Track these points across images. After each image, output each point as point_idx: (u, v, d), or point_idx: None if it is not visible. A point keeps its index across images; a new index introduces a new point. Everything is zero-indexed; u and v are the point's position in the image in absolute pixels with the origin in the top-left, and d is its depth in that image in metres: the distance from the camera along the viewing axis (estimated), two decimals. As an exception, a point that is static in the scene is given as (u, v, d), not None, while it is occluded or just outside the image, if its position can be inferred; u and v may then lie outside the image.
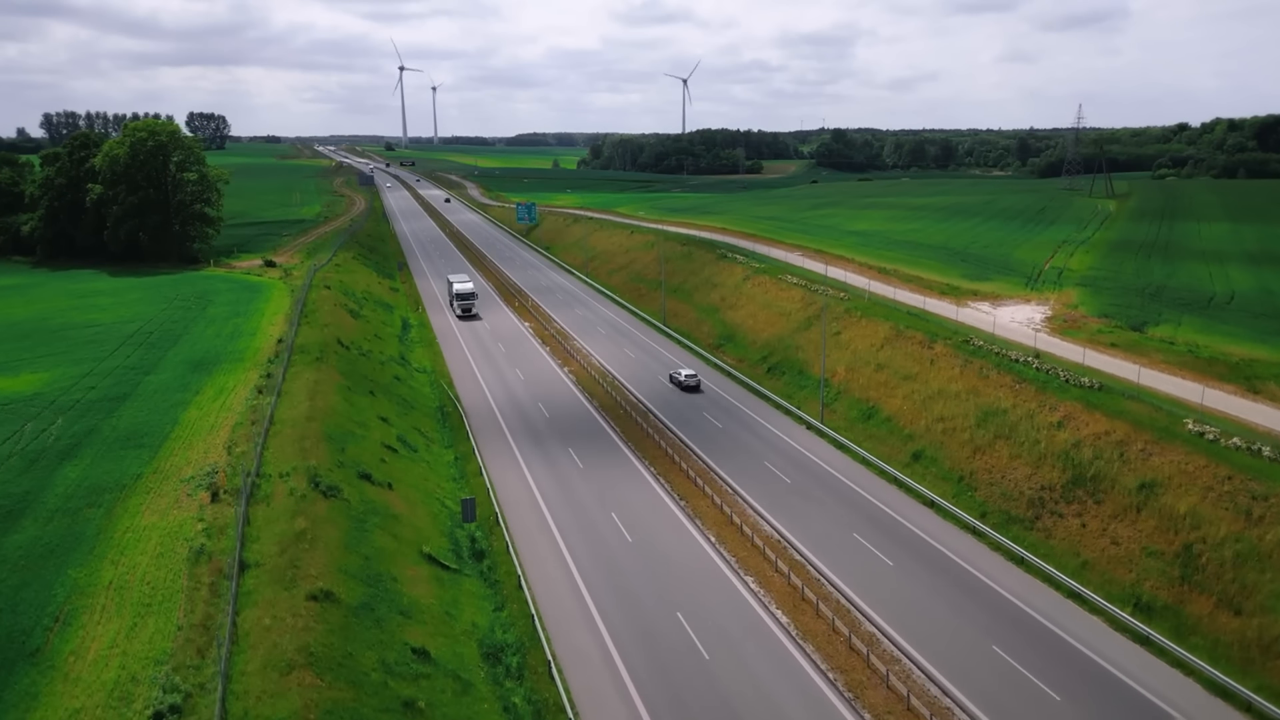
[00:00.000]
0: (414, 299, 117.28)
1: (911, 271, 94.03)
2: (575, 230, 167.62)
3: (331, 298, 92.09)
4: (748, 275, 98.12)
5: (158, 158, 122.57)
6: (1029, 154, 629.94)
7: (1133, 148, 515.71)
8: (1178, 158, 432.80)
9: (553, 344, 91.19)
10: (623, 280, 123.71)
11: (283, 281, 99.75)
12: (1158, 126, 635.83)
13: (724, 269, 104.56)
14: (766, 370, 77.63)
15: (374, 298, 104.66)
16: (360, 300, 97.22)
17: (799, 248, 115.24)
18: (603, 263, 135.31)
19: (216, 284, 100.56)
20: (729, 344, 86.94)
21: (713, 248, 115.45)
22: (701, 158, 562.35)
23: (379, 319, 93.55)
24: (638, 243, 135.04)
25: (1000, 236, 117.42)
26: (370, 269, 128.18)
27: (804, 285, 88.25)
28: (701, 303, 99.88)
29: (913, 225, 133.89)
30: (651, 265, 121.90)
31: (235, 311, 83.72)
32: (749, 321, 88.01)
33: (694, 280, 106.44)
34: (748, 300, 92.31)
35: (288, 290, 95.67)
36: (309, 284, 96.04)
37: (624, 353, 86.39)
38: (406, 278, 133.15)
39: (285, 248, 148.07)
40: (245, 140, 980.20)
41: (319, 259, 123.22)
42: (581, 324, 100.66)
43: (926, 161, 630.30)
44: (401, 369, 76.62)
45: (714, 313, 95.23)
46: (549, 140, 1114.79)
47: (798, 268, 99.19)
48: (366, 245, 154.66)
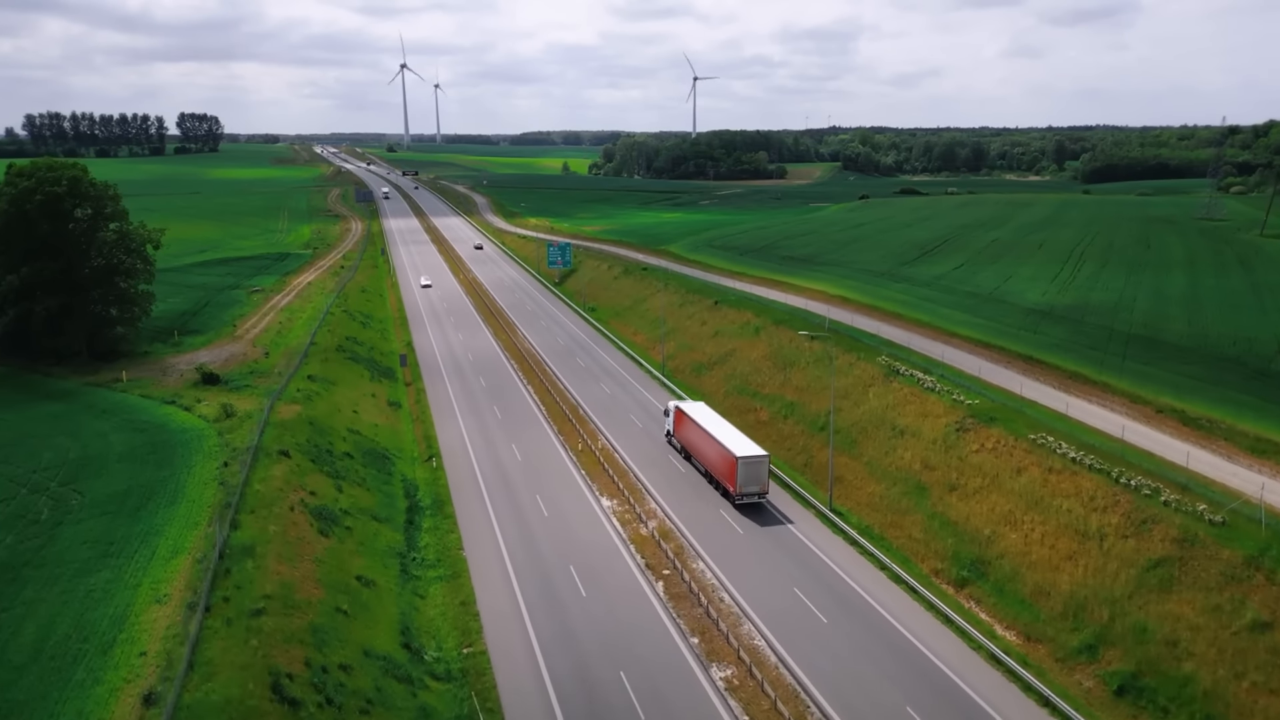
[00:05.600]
0: (423, 427, 79.84)
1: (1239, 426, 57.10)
2: (628, 287, 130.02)
3: (287, 479, 54.81)
4: (962, 425, 60.73)
5: (54, 214, 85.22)
6: (1065, 156, 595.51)
7: (1182, 152, 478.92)
8: (1244, 164, 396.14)
9: (672, 581, 53.80)
10: (720, 384, 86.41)
11: (218, 434, 62.40)
12: (1204, 127, 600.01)
13: (908, 401, 67.15)
14: (1116, 689, 40.31)
15: (363, 450, 67.19)
16: (339, 474, 59.86)
17: (984, 348, 77.90)
18: (684, 351, 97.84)
19: (109, 434, 63.23)
20: (979, 580, 49.78)
21: (865, 350, 77.98)
22: (721, 162, 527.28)
23: (366, 529, 56.11)
24: (731, 323, 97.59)
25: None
26: (359, 369, 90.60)
27: (1101, 471, 50.89)
28: (885, 467, 62.44)
29: (1103, 292, 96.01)
30: (764, 366, 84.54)
31: (109, 540, 46.41)
32: (1013, 539, 50.53)
33: (859, 416, 68.99)
34: (990, 485, 54.82)
35: (221, 454, 58.42)
36: (257, 446, 58.75)
37: (814, 617, 48.72)
38: (413, 376, 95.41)
39: (249, 318, 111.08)
40: (243, 139, 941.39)
41: (285, 362, 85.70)
42: (693, 500, 63.45)
43: (957, 165, 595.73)
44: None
45: (919, 497, 57.88)
46: (554, 139, 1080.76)
47: (1045, 412, 61.76)
48: (357, 313, 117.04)
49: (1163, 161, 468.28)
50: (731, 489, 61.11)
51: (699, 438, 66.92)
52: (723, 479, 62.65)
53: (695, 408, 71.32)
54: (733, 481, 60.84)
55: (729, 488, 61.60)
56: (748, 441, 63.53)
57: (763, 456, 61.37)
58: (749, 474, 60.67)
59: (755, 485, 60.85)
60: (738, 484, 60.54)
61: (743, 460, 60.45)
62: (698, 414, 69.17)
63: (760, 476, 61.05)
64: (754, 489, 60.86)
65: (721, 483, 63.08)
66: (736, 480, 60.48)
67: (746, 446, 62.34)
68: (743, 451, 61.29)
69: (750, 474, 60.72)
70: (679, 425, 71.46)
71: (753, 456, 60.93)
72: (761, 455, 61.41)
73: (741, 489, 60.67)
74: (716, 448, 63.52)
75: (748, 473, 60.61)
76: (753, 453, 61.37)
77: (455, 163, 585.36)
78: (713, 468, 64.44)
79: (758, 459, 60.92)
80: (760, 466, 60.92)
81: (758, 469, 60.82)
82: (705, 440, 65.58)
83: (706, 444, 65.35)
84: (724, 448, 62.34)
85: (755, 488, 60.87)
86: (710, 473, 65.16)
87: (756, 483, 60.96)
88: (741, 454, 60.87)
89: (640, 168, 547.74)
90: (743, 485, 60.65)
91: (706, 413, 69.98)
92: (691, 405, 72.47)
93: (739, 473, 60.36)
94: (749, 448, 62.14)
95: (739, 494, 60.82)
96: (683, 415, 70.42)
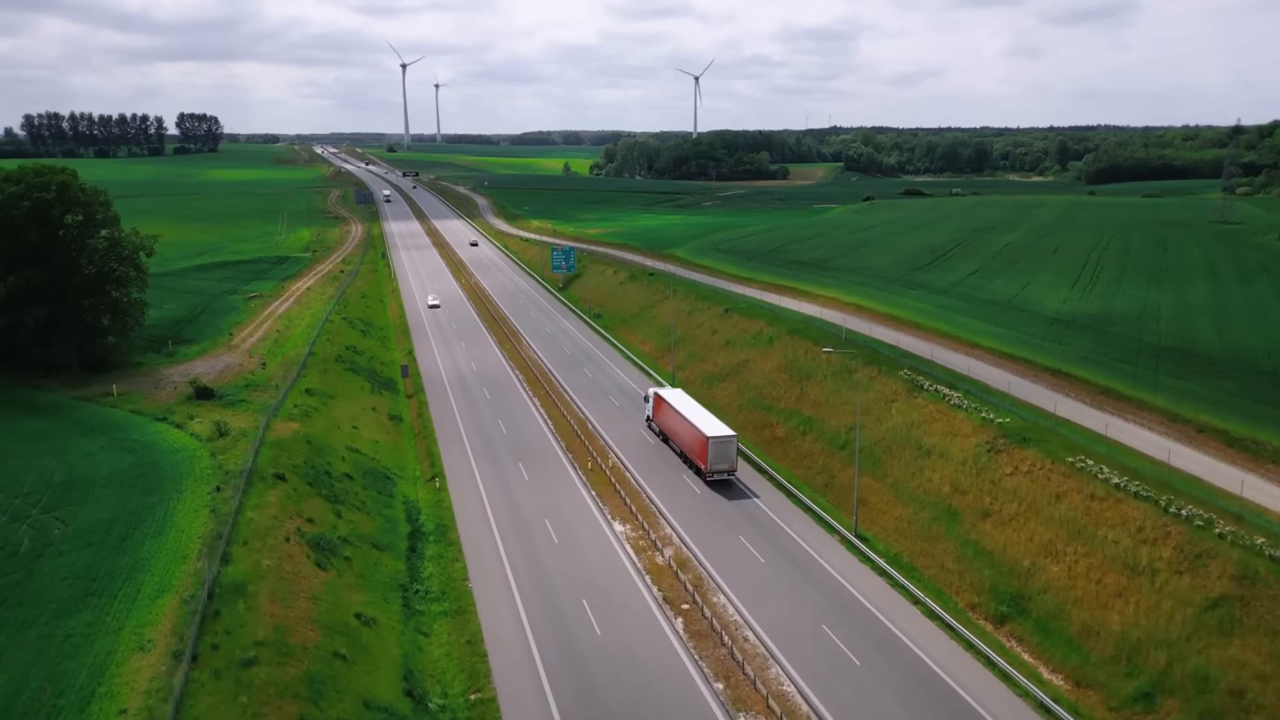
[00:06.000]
0: (425, 438, 76.83)
1: None
2: (634, 293, 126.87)
3: (283, 506, 51.78)
4: (994, 446, 57.60)
5: (42, 221, 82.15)
6: (1068, 157, 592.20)
7: (1186, 152, 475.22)
8: (1250, 165, 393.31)
9: (692, 615, 50.79)
10: (732, 397, 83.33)
11: (210, 455, 59.27)
12: (1207, 127, 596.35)
13: (934, 419, 64.04)
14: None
15: (363, 471, 64.10)
16: (337, 498, 56.76)
17: (1008, 360, 74.78)
18: (694, 361, 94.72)
19: (96, 455, 60.06)
20: (1020, 616, 46.71)
21: (886, 363, 74.85)
22: (723, 162, 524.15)
23: (367, 558, 53.04)
24: (742, 332, 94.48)
25: None
26: (359, 381, 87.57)
27: (1148, 499, 47.82)
28: (912, 489, 59.35)
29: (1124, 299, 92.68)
30: (779, 379, 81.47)
31: (91, 576, 43.27)
32: (1055, 572, 47.44)
33: (882, 434, 65.81)
34: (1027, 512, 51.69)
35: (213, 478, 55.32)
36: (251, 469, 55.67)
37: (845, 658, 45.69)
38: (415, 388, 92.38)
39: (246, 325, 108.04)
40: (243, 139, 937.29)
41: (282, 374, 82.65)
42: (709, 523, 60.44)
43: (960, 165, 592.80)
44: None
45: (950, 523, 54.77)
46: (555, 139, 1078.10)
47: (1081, 431, 58.66)
48: (357, 321, 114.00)
49: (1167, 162, 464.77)
50: (703, 466, 65.45)
51: (675, 421, 71.02)
52: (695, 458, 67.01)
53: (672, 394, 75.26)
54: (704, 460, 65.25)
55: (701, 465, 66.03)
56: (718, 423, 67.92)
57: (731, 436, 65.90)
58: (718, 452, 65.10)
59: (724, 463, 65.47)
60: (709, 461, 64.99)
61: (713, 440, 64.83)
62: (674, 399, 73.12)
63: (729, 455, 65.55)
64: (723, 466, 65.48)
65: (695, 461, 67.45)
66: (708, 458, 64.92)
67: (717, 428, 66.70)
68: (713, 432, 65.70)
69: (720, 452, 65.17)
70: (657, 410, 75.70)
71: (722, 436, 65.47)
72: (730, 435, 65.94)
73: (712, 466, 65.13)
74: (690, 429, 67.75)
75: (717, 451, 65.01)
76: (722, 433, 65.90)
77: (456, 163, 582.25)
78: (687, 448, 68.91)
79: (727, 439, 65.51)
80: (729, 445, 65.51)
81: (727, 448, 65.38)
82: (680, 423, 69.73)
83: (681, 426, 69.51)
84: (696, 429, 66.67)
85: (724, 465, 65.50)
86: (685, 453, 69.67)
87: (725, 460, 65.45)
88: (712, 434, 65.29)
89: (642, 168, 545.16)
90: (713, 463, 65.09)
91: (682, 398, 73.80)
92: (669, 391, 76.35)
93: (710, 451, 64.75)
94: (719, 429, 66.56)
95: (710, 471, 65.24)
96: (661, 400, 74.61)
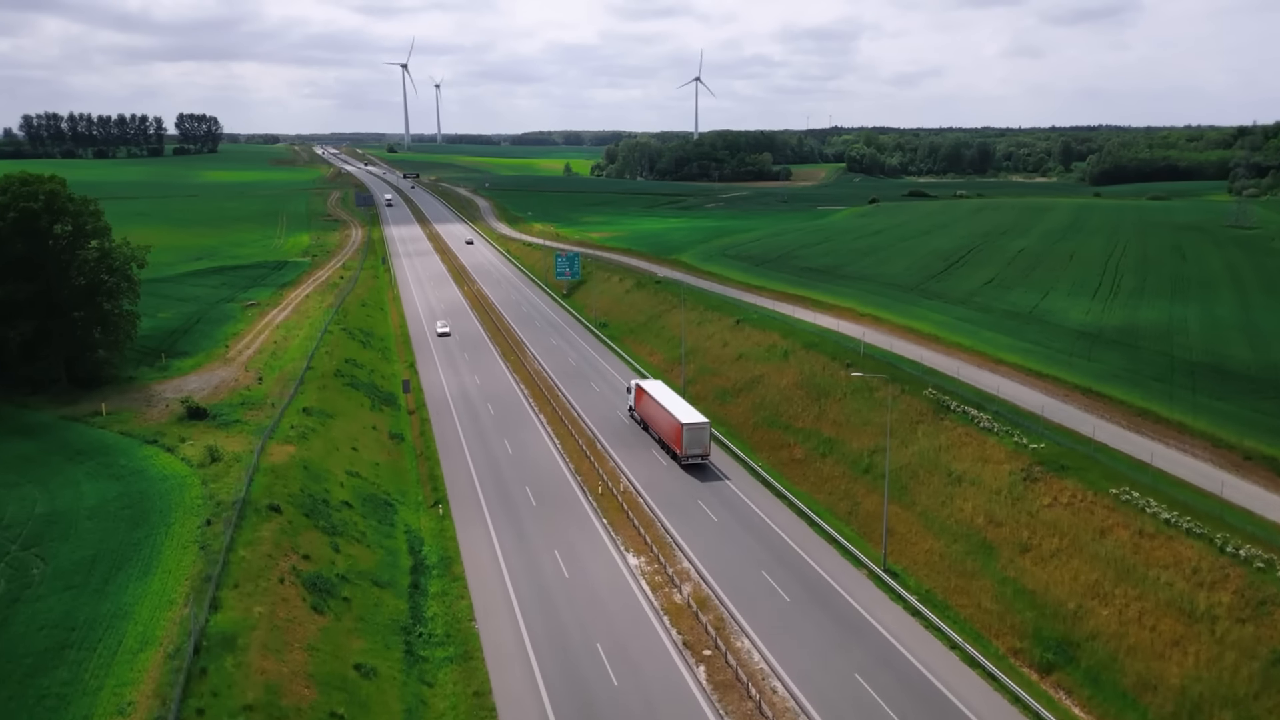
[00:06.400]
0: (427, 459, 73.67)
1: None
2: (641, 301, 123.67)
3: (277, 542, 48.62)
4: (1029, 474, 54.33)
5: (30, 231, 78.99)
6: (1071, 158, 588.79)
7: (1190, 153, 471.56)
8: (1256, 166, 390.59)
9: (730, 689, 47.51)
10: (747, 414, 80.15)
11: (202, 483, 56.08)
12: (1209, 127, 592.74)
13: (963, 443, 60.84)
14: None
15: (363, 498, 60.84)
16: (335, 529, 53.57)
17: (1036, 377, 71.49)
18: (705, 375, 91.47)
19: (81, 483, 56.88)
20: (1068, 665, 43.45)
21: (909, 381, 71.61)
22: (725, 163, 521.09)
23: (366, 598, 49.83)
24: (755, 345, 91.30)
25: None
26: (359, 397, 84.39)
27: (1202, 537, 44.62)
28: (943, 519, 56.11)
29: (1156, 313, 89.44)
30: (796, 396, 78.26)
31: (70, 624, 40.12)
32: (1104, 616, 44.19)
33: (908, 458, 62.53)
34: (1070, 548, 48.43)
35: (204, 509, 52.17)
36: (244, 500, 52.49)
37: (883, 714, 42.46)
38: (417, 403, 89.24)
39: (242, 336, 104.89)
40: (243, 139, 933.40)
41: (279, 390, 79.47)
42: (727, 551, 57.25)
43: (963, 166, 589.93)
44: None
45: (986, 557, 51.50)
46: (555, 139, 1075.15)
47: (1122, 458, 55.41)
48: (356, 332, 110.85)
49: (1172, 163, 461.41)
50: (679, 451, 70.02)
51: (654, 409, 75.50)
52: (671, 443, 71.60)
53: (653, 385, 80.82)
54: (679, 444, 69.88)
55: (676, 450, 70.61)
56: (693, 411, 72.84)
57: (704, 423, 70.45)
58: (692, 438, 69.64)
59: (698, 448, 70.12)
60: (683, 446, 69.59)
61: (687, 426, 69.43)
62: (654, 390, 78.32)
63: (702, 440, 70.06)
64: (697, 451, 70.13)
65: (670, 446, 71.81)
66: (682, 443, 69.52)
67: (691, 415, 71.41)
68: (687, 419, 70.29)
69: (693, 438, 69.70)
70: (639, 400, 79.90)
71: (695, 423, 69.99)
72: (703, 422, 70.50)
73: (686, 451, 69.71)
74: (667, 417, 72.38)
75: (691, 436, 69.59)
76: (696, 420, 70.42)
77: (456, 164, 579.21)
78: (664, 434, 73.52)
79: (700, 425, 70.04)
80: (702, 431, 69.99)
81: (700, 434, 69.86)
82: (659, 411, 74.15)
83: (660, 414, 74.08)
84: (673, 416, 71.27)
85: (698, 450, 70.15)
86: (662, 439, 74.17)
87: (699, 445, 70.05)
88: (686, 421, 69.94)
89: (643, 169, 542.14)
90: (687, 448, 69.68)
91: (662, 389, 79.21)
92: (649, 383, 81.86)
93: (684, 437, 69.38)
94: (693, 416, 71.27)
95: (684, 455, 69.84)
96: (642, 391, 79.17)
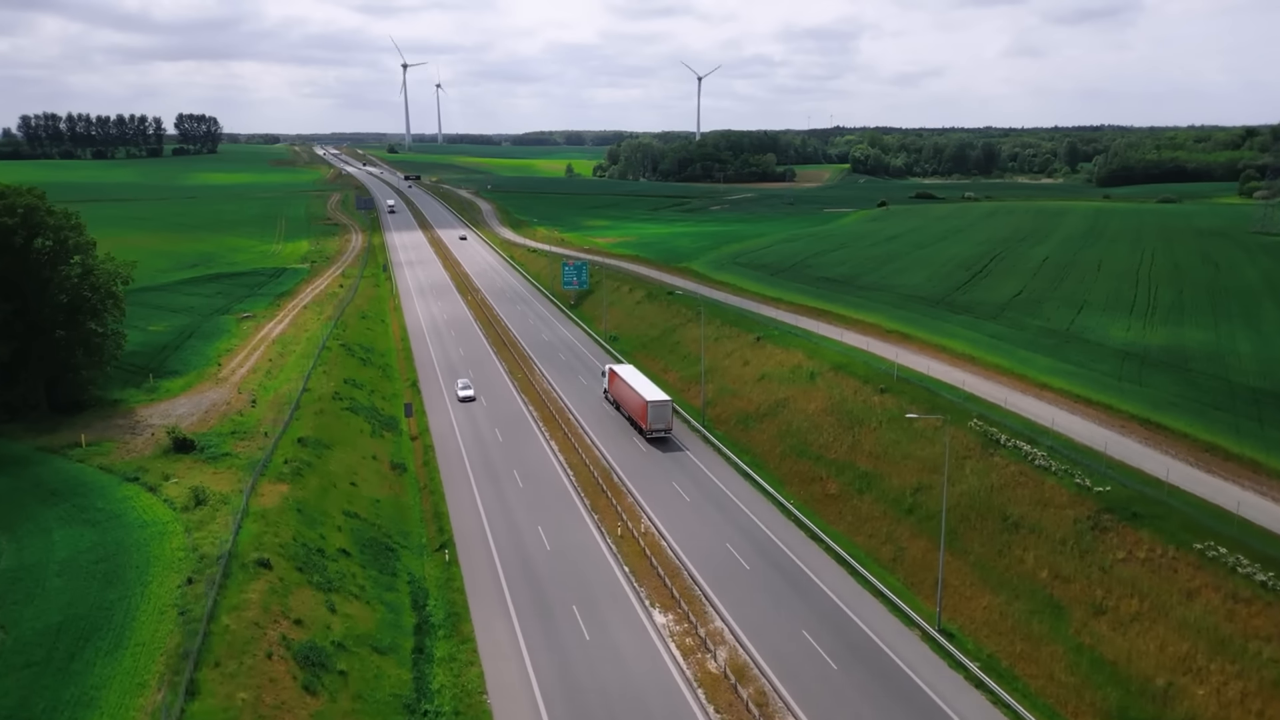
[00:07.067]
0: (431, 492, 68.46)
1: None
2: (653, 314, 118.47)
3: (266, 605, 43.45)
4: (1097, 521, 49.09)
5: (6, 249, 73.80)
6: (1078, 158, 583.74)
7: (1199, 155, 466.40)
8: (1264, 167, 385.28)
9: None
10: (773, 442, 74.92)
11: (185, 530, 50.94)
12: (1214, 127, 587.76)
13: (1018, 483, 55.58)
14: None
15: (362, 543, 55.55)
16: (331, 584, 48.39)
17: (1086, 405, 66.17)
18: (726, 397, 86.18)
19: (53, 530, 51.65)
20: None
21: (951, 410, 66.33)
22: (729, 164, 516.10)
23: (365, 669, 44.60)
24: (778, 365, 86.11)
25: None
26: (359, 422, 79.19)
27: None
28: (1000, 571, 50.69)
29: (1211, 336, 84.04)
30: (825, 423, 73.02)
31: (26, 715, 35.02)
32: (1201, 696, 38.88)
33: (956, 498, 57.27)
34: (1153, 612, 43.18)
35: (185, 564, 47.02)
36: (230, 554, 47.33)
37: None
38: (420, 428, 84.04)
39: (236, 353, 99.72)
40: (243, 139, 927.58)
41: (273, 416, 74.27)
42: (769, 610, 52.10)
43: (969, 167, 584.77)
44: None
45: (1055, 619, 46.22)
46: (556, 139, 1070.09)
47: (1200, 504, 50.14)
48: (356, 348, 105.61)
49: (1180, 164, 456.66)
50: (644, 425, 77.49)
51: (624, 390, 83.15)
52: (638, 419, 79.06)
53: (624, 369, 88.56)
54: (644, 420, 77.35)
55: (642, 425, 78.06)
56: (658, 390, 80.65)
57: (667, 401, 78.19)
58: (656, 414, 77.08)
59: (661, 424, 77.42)
60: (648, 421, 76.96)
61: (651, 403, 76.88)
62: (624, 373, 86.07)
63: (665, 416, 77.50)
64: (660, 426, 77.37)
65: (637, 422, 79.28)
66: (647, 419, 76.92)
67: (655, 393, 79.06)
68: (651, 396, 77.98)
69: (657, 414, 77.11)
70: (611, 382, 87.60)
71: (659, 400, 77.56)
72: (665, 400, 78.13)
73: (651, 425, 77.10)
74: (634, 396, 79.78)
75: (655, 413, 77.02)
76: (659, 398, 77.99)
77: (457, 164, 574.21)
78: (632, 411, 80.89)
79: (663, 402, 77.66)
80: (665, 408, 77.51)
81: (663, 410, 77.37)
82: (627, 391, 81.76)
83: (628, 393, 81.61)
84: (639, 395, 78.66)
85: (661, 425, 77.39)
86: (631, 416, 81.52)
87: (662, 420, 77.32)
88: (650, 398, 77.45)
89: (646, 170, 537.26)
90: (652, 423, 77.04)
91: (632, 372, 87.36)
92: (621, 367, 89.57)
93: (649, 412, 76.81)
94: (657, 394, 78.95)
95: (649, 429, 77.25)
96: (614, 374, 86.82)
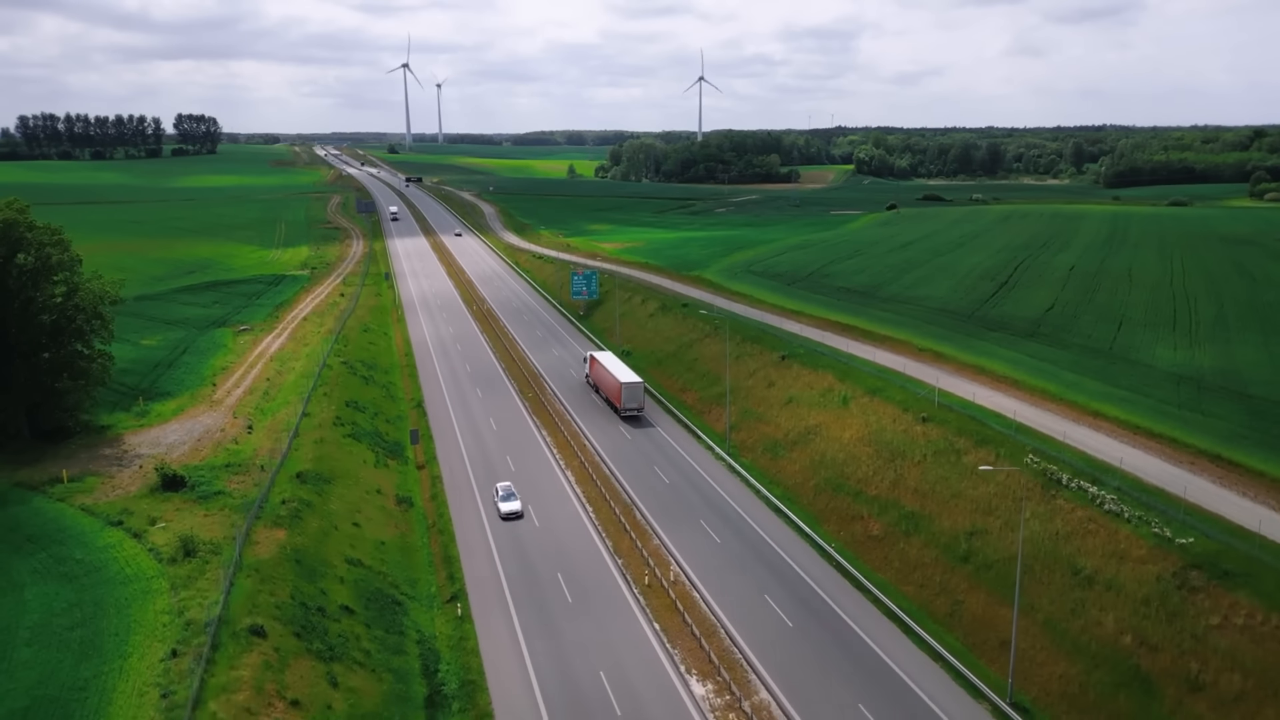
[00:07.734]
0: (441, 532, 63.42)
1: None
2: (666, 328, 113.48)
3: (259, 683, 38.52)
4: (1184, 580, 44.15)
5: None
6: (1083, 159, 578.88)
7: (1207, 155, 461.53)
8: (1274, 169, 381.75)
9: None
10: (805, 474, 69.90)
11: (171, 588, 45.99)
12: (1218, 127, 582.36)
13: (1087, 531, 50.56)
14: None
15: (366, 596, 50.48)
16: (333, 652, 43.30)
17: (1147, 437, 61.17)
18: (750, 421, 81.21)
19: (26, 586, 46.66)
20: None
21: (1003, 443, 61.26)
22: (732, 165, 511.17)
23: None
24: (806, 387, 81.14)
25: None
26: (361, 451, 74.16)
27: None
28: (1073, 633, 45.49)
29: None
30: (863, 455, 68.01)
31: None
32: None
33: (1013, 545, 52.30)
34: (1260, 691, 38.28)
35: (170, 631, 42.08)
36: (219, 619, 42.40)
37: None
38: (426, 456, 78.98)
39: (232, 371, 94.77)
40: (243, 139, 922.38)
41: (270, 445, 69.25)
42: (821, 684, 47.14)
43: (974, 168, 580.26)
44: None
45: (1143, 695, 41.30)
46: (557, 139, 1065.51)
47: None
48: (358, 365, 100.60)
49: (1188, 165, 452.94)
50: (618, 405, 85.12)
51: (602, 374, 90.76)
52: (613, 398, 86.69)
53: (603, 355, 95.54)
54: (619, 400, 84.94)
55: (616, 405, 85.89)
56: (632, 373, 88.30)
57: (639, 382, 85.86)
58: (629, 394, 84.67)
59: (634, 403, 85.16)
60: (622, 401, 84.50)
61: (625, 384, 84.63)
62: (603, 358, 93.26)
63: (638, 396, 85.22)
64: (634, 405, 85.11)
65: (612, 401, 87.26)
66: (621, 398, 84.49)
67: (629, 375, 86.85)
68: (625, 378, 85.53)
69: (630, 394, 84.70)
70: (592, 368, 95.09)
71: (632, 382, 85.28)
72: (637, 381, 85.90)
73: (624, 405, 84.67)
74: (610, 378, 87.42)
75: (628, 393, 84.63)
76: (632, 379, 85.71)
77: (458, 165, 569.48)
78: (608, 393, 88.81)
79: (635, 383, 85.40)
80: (637, 389, 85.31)
81: (636, 390, 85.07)
82: (605, 374, 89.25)
83: (605, 376, 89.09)
84: (614, 377, 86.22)
85: (634, 404, 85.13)
86: (608, 398, 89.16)
87: (635, 400, 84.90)
88: (624, 380, 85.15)
89: (649, 171, 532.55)
90: (625, 403, 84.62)
91: (610, 358, 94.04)
92: (600, 353, 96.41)
93: (623, 393, 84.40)
94: (630, 376, 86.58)
95: (623, 408, 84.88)
96: (595, 360, 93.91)
